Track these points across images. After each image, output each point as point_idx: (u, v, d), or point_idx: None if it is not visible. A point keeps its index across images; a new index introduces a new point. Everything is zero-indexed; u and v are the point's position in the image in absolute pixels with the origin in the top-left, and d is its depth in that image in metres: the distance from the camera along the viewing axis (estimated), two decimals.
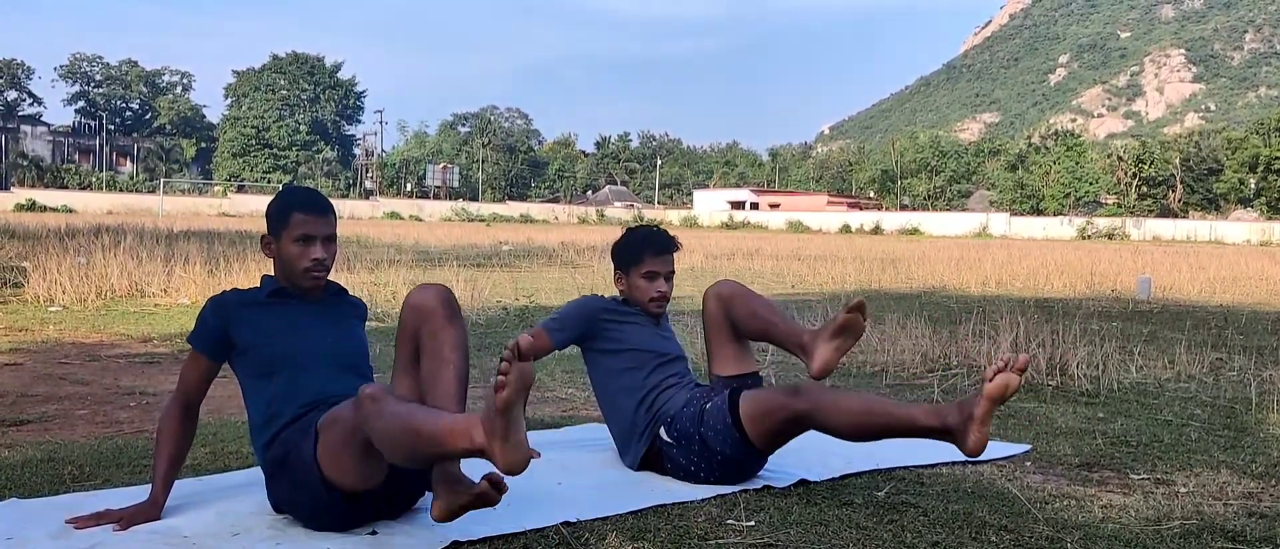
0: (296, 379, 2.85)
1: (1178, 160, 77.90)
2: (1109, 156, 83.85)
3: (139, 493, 2.90)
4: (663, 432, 3.39)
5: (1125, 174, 77.66)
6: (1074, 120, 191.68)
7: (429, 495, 2.90)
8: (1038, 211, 73.05)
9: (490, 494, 2.43)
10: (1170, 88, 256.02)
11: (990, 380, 2.85)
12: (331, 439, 2.58)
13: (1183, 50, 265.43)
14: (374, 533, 2.68)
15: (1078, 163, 78.69)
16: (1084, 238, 54.48)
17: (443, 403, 2.68)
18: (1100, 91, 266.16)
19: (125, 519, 2.71)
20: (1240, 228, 56.83)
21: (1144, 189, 77.08)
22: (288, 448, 2.75)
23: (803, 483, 3.31)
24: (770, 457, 3.39)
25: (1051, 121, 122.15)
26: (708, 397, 3.40)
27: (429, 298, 2.83)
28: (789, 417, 3.19)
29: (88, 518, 2.71)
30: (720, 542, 2.68)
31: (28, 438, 3.85)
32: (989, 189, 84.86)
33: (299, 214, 2.92)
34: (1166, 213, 72.24)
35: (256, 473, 3.04)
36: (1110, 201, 77.02)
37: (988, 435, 2.90)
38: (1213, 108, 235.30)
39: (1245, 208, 72.68)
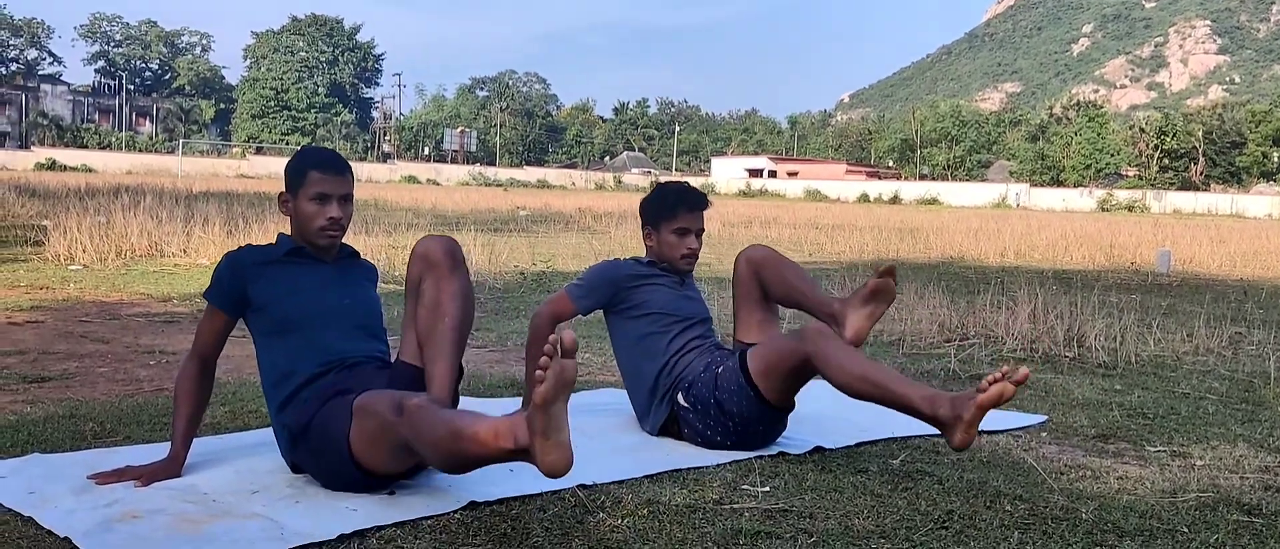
0: (312, 339, 2.86)
1: (1200, 133, 77.21)
2: (1131, 128, 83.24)
3: (159, 450, 2.93)
4: (681, 397, 3.40)
5: (1147, 146, 77.06)
6: (1096, 91, 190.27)
7: None
8: (1058, 183, 72.60)
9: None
10: (1194, 59, 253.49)
11: (985, 390, 2.80)
12: (367, 428, 2.59)
13: (1208, 21, 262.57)
14: (392, 493, 2.70)
15: (1099, 134, 78.05)
16: (1104, 210, 54.15)
17: (438, 351, 2.69)
18: (1123, 62, 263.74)
19: (146, 476, 2.74)
20: (1262, 202, 56.36)
21: (1166, 161, 76.49)
22: (310, 414, 2.76)
23: (818, 450, 3.32)
24: (787, 426, 3.40)
25: (1073, 92, 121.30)
26: (721, 362, 3.40)
27: (434, 248, 2.85)
28: (794, 363, 3.21)
29: (109, 474, 2.74)
30: (735, 507, 2.69)
31: (49, 395, 3.89)
32: (1009, 160, 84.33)
33: (316, 173, 2.93)
34: (1188, 186, 71.68)
35: None
36: (1131, 174, 76.45)
37: (975, 436, 2.88)
38: (1237, 80, 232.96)
39: (1268, 182, 72.03)
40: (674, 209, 3.62)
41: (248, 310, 2.94)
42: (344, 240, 3.07)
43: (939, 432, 2.96)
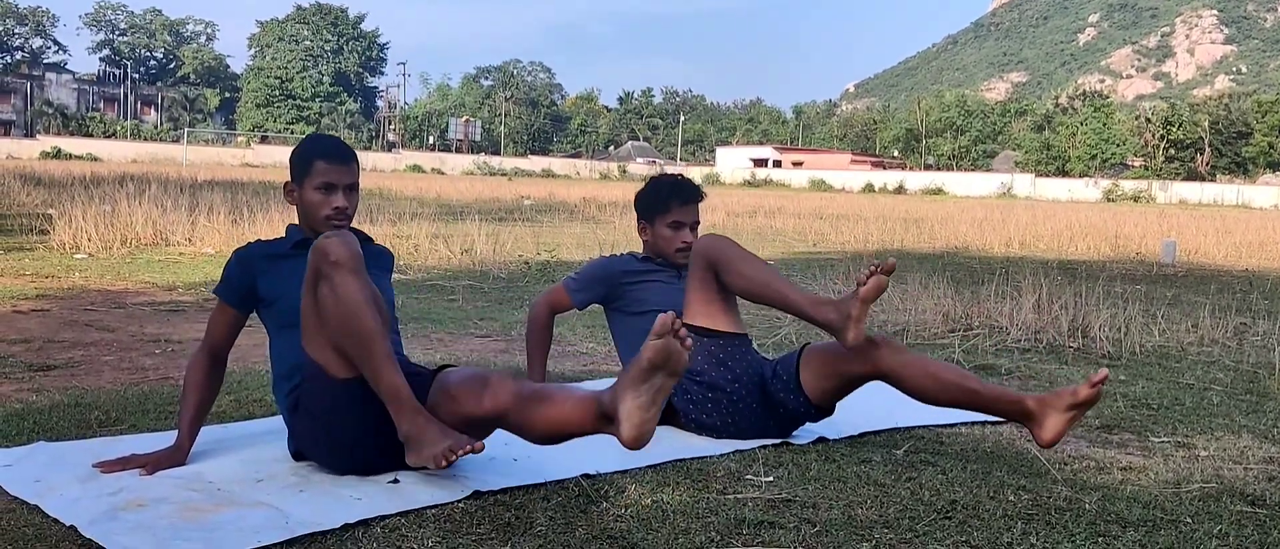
0: None
1: (1207, 123, 76.98)
2: (1137, 118, 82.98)
3: (165, 439, 2.93)
4: (681, 383, 3.39)
5: (1153, 137, 76.85)
6: (1102, 81, 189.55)
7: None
8: (1063, 173, 72.46)
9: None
10: (1201, 49, 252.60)
11: (866, 284, 2.99)
12: (312, 331, 2.66)
13: (1215, 11, 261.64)
14: (396, 481, 2.70)
15: (1105, 124, 77.88)
16: (1109, 200, 54.06)
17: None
18: (1130, 52, 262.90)
19: (151, 464, 2.75)
20: (1269, 192, 56.23)
21: (1171, 152, 76.28)
22: (302, 389, 2.77)
23: (821, 440, 3.32)
24: (786, 415, 3.39)
25: (1079, 82, 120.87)
26: (753, 357, 3.36)
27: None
28: (707, 272, 3.25)
29: (115, 462, 2.75)
30: (738, 496, 2.69)
31: (55, 383, 3.90)
32: (1015, 150, 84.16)
33: (322, 162, 2.93)
34: (1194, 176, 71.49)
35: (280, 421, 3.07)
36: (1137, 164, 76.30)
37: (863, 332, 3.03)
38: (1244, 70, 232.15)
39: (1274, 172, 71.82)
40: (666, 203, 3.61)
41: (259, 305, 2.94)
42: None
43: (832, 334, 3.11)
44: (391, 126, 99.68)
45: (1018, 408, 3.01)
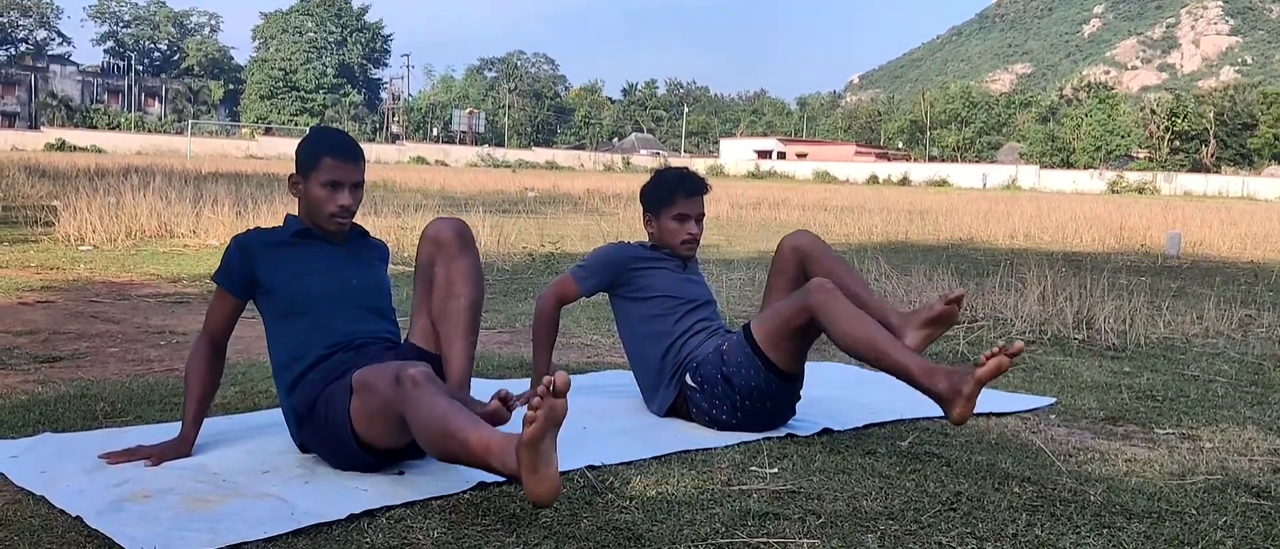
0: (321, 320, 2.87)
1: (1212, 115, 76.84)
2: (1142, 110, 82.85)
3: (170, 430, 2.94)
4: (688, 378, 3.40)
5: (1158, 128, 76.72)
6: (1107, 72, 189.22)
7: None
8: (1068, 165, 72.34)
9: (501, 411, 2.57)
10: (1207, 40, 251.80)
11: (984, 364, 2.81)
12: (366, 404, 2.60)
13: (1220, 2, 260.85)
14: (402, 473, 2.71)
15: (1110, 116, 77.73)
16: (1114, 192, 53.97)
17: (453, 332, 2.77)
18: (1135, 43, 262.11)
19: (156, 456, 2.76)
20: (1274, 184, 56.09)
21: (1176, 143, 76.16)
22: (315, 395, 2.77)
23: (826, 432, 3.32)
24: (795, 411, 3.39)
25: (1084, 73, 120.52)
26: (728, 340, 3.40)
27: (443, 229, 2.92)
28: (801, 321, 3.19)
29: (120, 454, 2.76)
30: (743, 488, 2.69)
31: (60, 375, 3.90)
32: (1019, 141, 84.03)
33: (330, 158, 2.92)
34: (1199, 168, 71.38)
35: None
36: (1142, 156, 76.16)
37: (972, 410, 2.89)
38: (1249, 61, 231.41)
39: (1279, 164, 71.68)
40: (672, 195, 3.61)
41: (257, 293, 2.94)
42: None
43: (934, 400, 2.97)
44: (395, 118, 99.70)
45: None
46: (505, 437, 2.35)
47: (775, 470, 2.86)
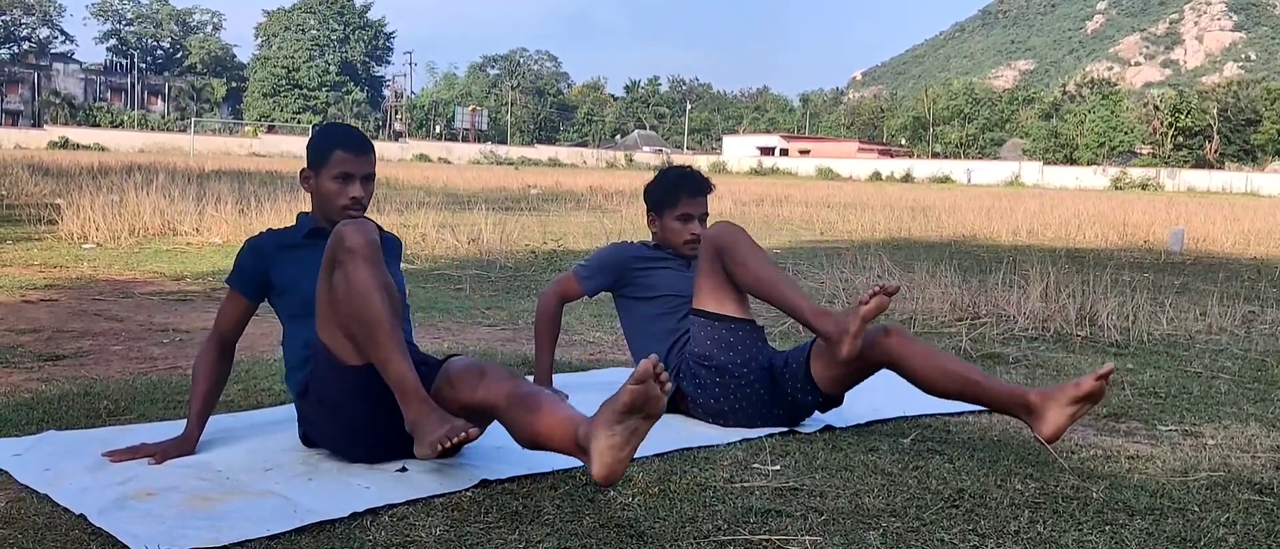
0: None
1: (1215, 111, 76.72)
2: (1145, 106, 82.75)
3: (173, 428, 2.95)
4: (690, 367, 3.39)
5: (1161, 124, 76.61)
6: (1111, 68, 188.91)
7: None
8: (1071, 161, 72.27)
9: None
10: (1210, 36, 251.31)
11: (867, 303, 3.01)
12: (325, 317, 2.67)
13: None
14: (404, 470, 2.71)
15: (1113, 112, 77.66)
16: (1117, 188, 53.93)
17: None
18: (1138, 39, 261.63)
19: (160, 454, 2.76)
20: (1277, 180, 56.04)
21: (1180, 139, 76.06)
22: (313, 374, 2.78)
23: (828, 428, 3.33)
24: (797, 401, 3.39)
25: (1088, 70, 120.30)
26: (761, 343, 3.38)
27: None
28: (715, 263, 3.30)
29: (123, 452, 2.76)
30: (745, 485, 2.69)
31: (64, 373, 3.91)
32: (1022, 138, 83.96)
33: (341, 152, 2.94)
34: (1202, 164, 71.27)
35: (289, 410, 3.08)
36: (1145, 152, 76.07)
37: (857, 347, 3.07)
38: (1253, 57, 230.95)
39: None
40: (675, 195, 3.61)
41: (271, 295, 2.96)
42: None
43: (827, 344, 3.14)
44: (398, 116, 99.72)
45: (1020, 402, 3.01)
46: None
47: (777, 467, 2.86)
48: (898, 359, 3.15)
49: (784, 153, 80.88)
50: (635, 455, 2.71)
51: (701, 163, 69.01)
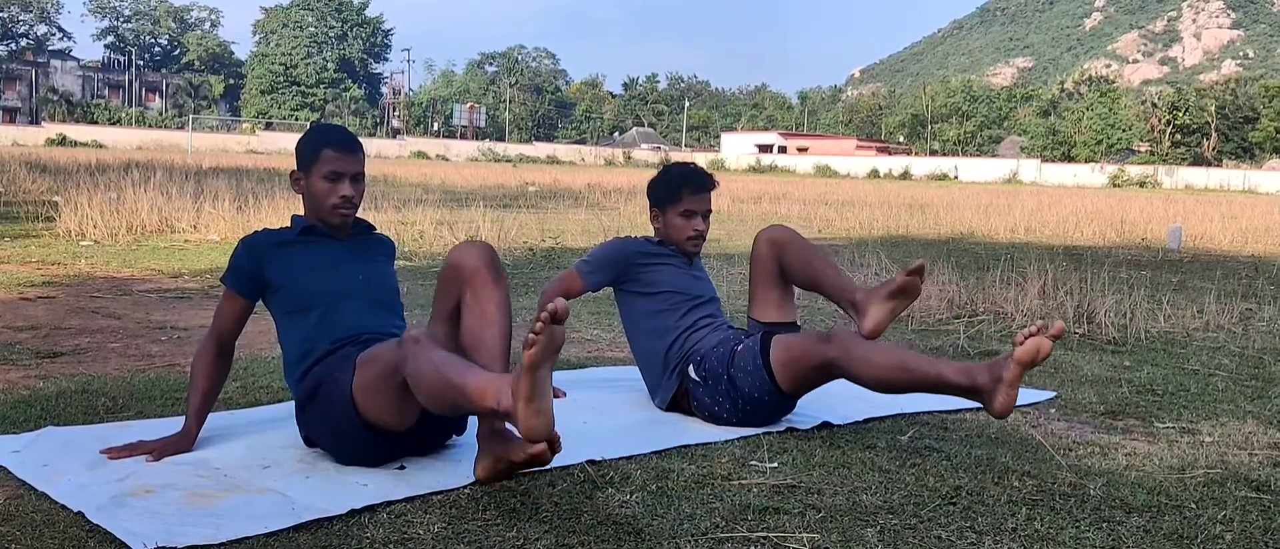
0: (330, 315, 2.89)
1: (1213, 108, 76.77)
2: (1143, 103, 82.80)
3: (171, 425, 2.95)
4: (691, 370, 3.40)
5: (1159, 122, 76.64)
6: (1109, 66, 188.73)
7: (457, 441, 2.95)
8: (1069, 159, 72.29)
9: (545, 454, 2.38)
10: (1208, 34, 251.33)
11: (1021, 344, 2.81)
12: (369, 375, 2.62)
13: None
14: (402, 468, 2.71)
15: (1111, 110, 77.69)
16: (1115, 186, 53.95)
17: (487, 363, 2.66)
18: (1136, 37, 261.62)
19: (158, 451, 2.76)
20: (1275, 178, 56.07)
21: (1178, 137, 76.09)
22: (320, 380, 2.79)
23: (826, 426, 3.33)
24: (795, 406, 3.40)
25: (1086, 67, 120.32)
26: (740, 339, 3.40)
27: (473, 258, 2.79)
28: (818, 363, 3.18)
29: (121, 449, 2.76)
30: (743, 482, 2.70)
31: (62, 370, 3.91)
32: (1021, 135, 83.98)
33: (329, 151, 2.94)
34: (1200, 161, 71.30)
35: (287, 407, 3.09)
36: (1143, 149, 76.10)
37: (1015, 399, 2.86)
38: (1251, 55, 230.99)
39: None
40: (679, 192, 3.61)
41: (266, 292, 2.96)
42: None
43: (978, 403, 2.97)
44: (396, 113, 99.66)
45: (850, 301, 3.25)
46: (500, 377, 2.38)
47: (775, 465, 2.87)
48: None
49: (782, 150, 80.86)
50: (633, 453, 2.72)
51: (700, 160, 68.59)
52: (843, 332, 3.21)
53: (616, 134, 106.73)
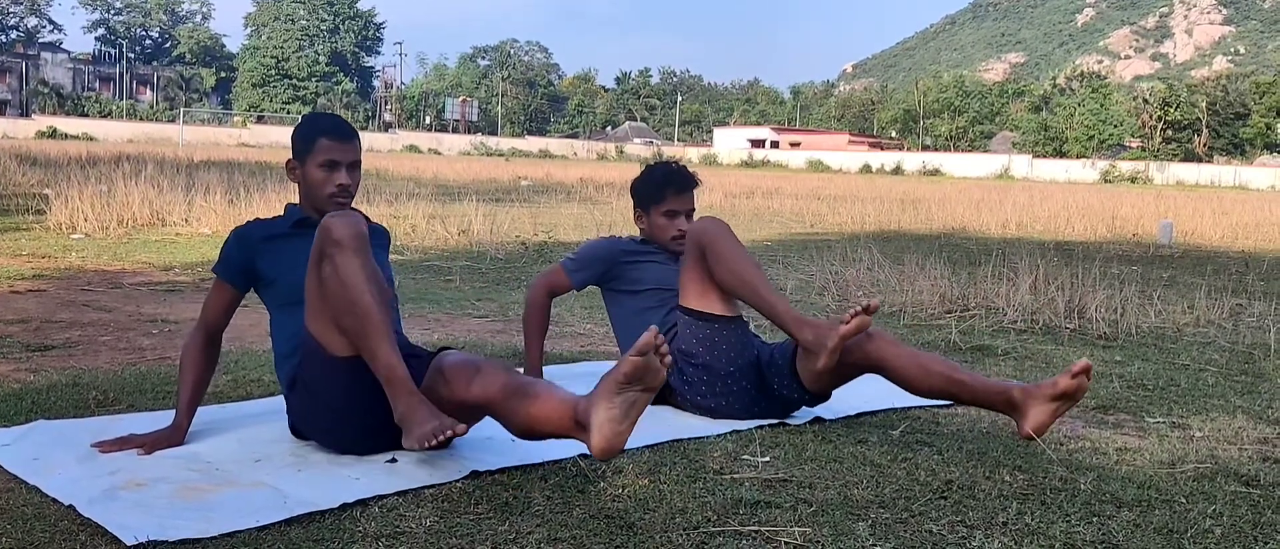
0: None
1: (1204, 104, 76.91)
2: (1134, 99, 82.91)
3: (162, 418, 2.94)
4: (677, 365, 3.40)
5: (1150, 118, 76.77)
6: (1101, 62, 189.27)
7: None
8: (1061, 154, 72.41)
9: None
10: (1199, 30, 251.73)
11: (848, 322, 3.01)
12: (312, 298, 2.67)
13: None
14: (393, 461, 2.71)
15: (1103, 105, 77.79)
16: (1107, 181, 54.05)
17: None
18: (1128, 33, 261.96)
19: (149, 445, 2.76)
20: (1266, 174, 56.23)
21: (1169, 133, 76.20)
22: (302, 365, 2.78)
23: (818, 420, 3.33)
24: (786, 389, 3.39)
25: (1078, 63, 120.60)
26: (748, 340, 3.37)
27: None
28: (698, 257, 3.27)
29: (113, 443, 2.76)
30: (735, 476, 2.70)
31: (52, 364, 3.90)
32: (1012, 131, 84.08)
33: (325, 140, 2.94)
34: (1191, 157, 71.45)
35: (278, 401, 3.08)
36: (1135, 145, 76.24)
37: (835, 362, 3.08)
38: (1242, 51, 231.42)
39: (1271, 153, 71.86)
40: (661, 191, 3.61)
41: (259, 285, 2.95)
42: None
43: (806, 350, 3.15)
44: (388, 106, 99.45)
45: (1003, 399, 3.02)
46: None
47: (767, 459, 2.87)
48: (880, 363, 3.16)
49: (775, 145, 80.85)
50: (627, 445, 2.72)
51: (692, 155, 68.94)
52: (705, 223, 3.29)
53: (609, 128, 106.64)
